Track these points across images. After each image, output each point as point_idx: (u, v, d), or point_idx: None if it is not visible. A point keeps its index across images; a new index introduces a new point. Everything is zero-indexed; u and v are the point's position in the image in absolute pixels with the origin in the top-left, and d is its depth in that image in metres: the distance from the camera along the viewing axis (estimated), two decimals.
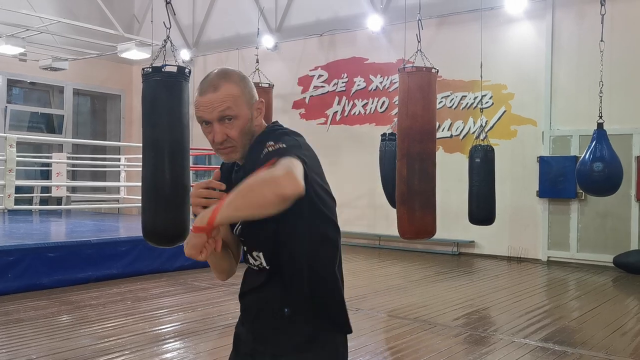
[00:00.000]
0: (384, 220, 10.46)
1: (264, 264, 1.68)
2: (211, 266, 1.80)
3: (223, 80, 1.65)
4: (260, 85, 8.50)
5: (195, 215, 1.61)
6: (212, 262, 1.76)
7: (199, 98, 1.65)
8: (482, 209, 7.87)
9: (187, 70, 4.35)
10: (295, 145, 1.59)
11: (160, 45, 4.62)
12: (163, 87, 4.27)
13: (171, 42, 4.62)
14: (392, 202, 8.08)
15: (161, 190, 4.29)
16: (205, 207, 1.56)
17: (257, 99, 1.73)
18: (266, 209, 1.43)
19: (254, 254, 1.70)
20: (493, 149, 8.07)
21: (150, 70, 4.24)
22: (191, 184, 4.78)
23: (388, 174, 8.37)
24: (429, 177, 5.90)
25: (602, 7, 6.80)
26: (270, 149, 1.56)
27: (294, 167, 1.45)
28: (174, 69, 4.26)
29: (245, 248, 1.75)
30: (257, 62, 9.13)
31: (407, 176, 5.85)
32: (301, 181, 1.43)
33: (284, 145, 1.57)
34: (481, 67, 8.52)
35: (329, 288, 1.70)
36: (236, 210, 1.46)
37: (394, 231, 6.84)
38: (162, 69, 4.24)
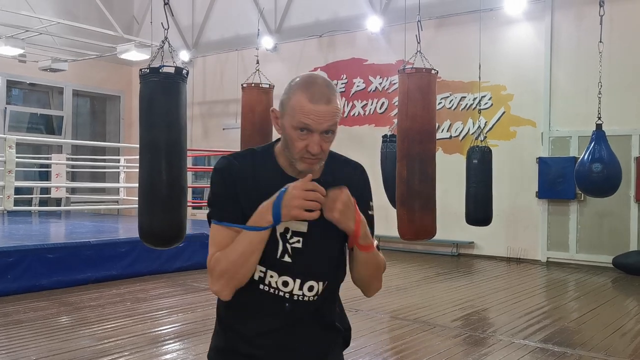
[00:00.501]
0: (384, 221, 10.38)
1: (288, 296, 1.65)
2: (235, 277, 1.59)
3: (333, 94, 1.60)
4: (260, 86, 8.51)
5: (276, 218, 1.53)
6: (243, 271, 1.58)
7: (310, 106, 1.55)
8: (479, 210, 7.88)
9: (184, 71, 4.36)
10: None
11: (158, 46, 4.61)
12: (161, 88, 4.27)
13: (169, 43, 4.61)
14: (394, 203, 8.08)
15: (158, 191, 4.29)
16: (308, 211, 1.51)
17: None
18: (368, 292, 1.77)
19: (284, 278, 1.63)
20: (490, 150, 8.07)
21: (148, 71, 4.24)
22: (188, 185, 4.78)
23: (390, 175, 8.36)
24: (428, 178, 5.90)
25: (601, 8, 6.80)
26: (373, 211, 1.77)
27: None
28: (172, 70, 4.27)
29: (272, 267, 1.62)
30: (258, 62, 9.13)
31: (407, 177, 5.85)
32: None
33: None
34: (479, 68, 8.52)
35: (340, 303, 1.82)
36: (372, 264, 1.70)
37: (393, 232, 6.84)
38: (160, 70, 4.24)
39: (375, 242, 1.69)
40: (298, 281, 1.63)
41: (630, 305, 6.86)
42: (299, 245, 1.62)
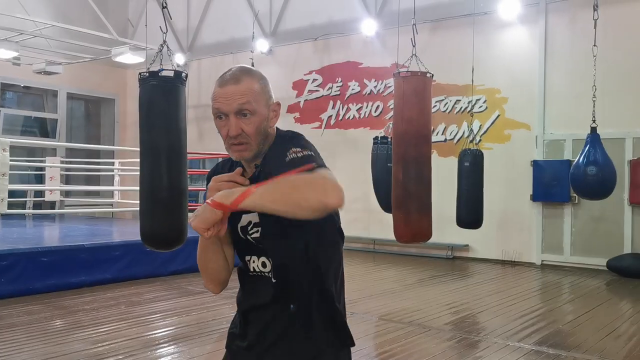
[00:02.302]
0: (379, 224, 10.47)
1: (270, 274, 1.66)
2: (206, 273, 1.75)
3: (245, 75, 1.63)
4: None
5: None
6: (209, 266, 1.73)
7: (219, 89, 1.61)
8: (470, 213, 7.90)
9: (184, 74, 4.35)
10: (318, 155, 1.61)
11: (157, 49, 4.61)
12: (160, 92, 4.27)
13: (167, 47, 4.61)
14: (384, 206, 8.10)
15: (159, 194, 4.29)
16: None
17: (275, 101, 1.70)
18: (303, 211, 1.42)
19: (262, 260, 1.68)
20: (482, 153, 8.09)
21: (147, 74, 4.24)
22: (189, 188, 4.78)
23: (379, 177, 8.38)
24: (424, 181, 5.91)
25: (595, 12, 6.84)
26: (297, 154, 1.55)
27: (335, 179, 1.45)
28: (171, 74, 4.26)
29: (249, 253, 1.71)
30: (252, 66, 9.13)
31: (402, 180, 5.85)
32: (343, 195, 1.42)
33: (311, 153, 1.57)
34: (472, 71, 8.55)
35: (335, 302, 1.71)
36: (271, 203, 1.42)
37: (388, 235, 6.84)
38: (159, 74, 4.24)
39: (309, 167, 1.50)
40: (255, 257, 1.70)
41: (625, 308, 6.88)
42: (257, 235, 1.67)
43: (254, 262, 1.70)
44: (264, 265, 1.69)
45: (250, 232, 1.68)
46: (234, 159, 1.67)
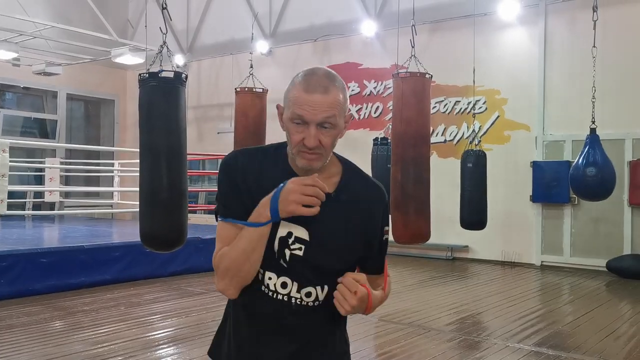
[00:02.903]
0: None
1: (319, 298, 1.61)
2: (237, 276, 1.56)
3: (333, 85, 1.54)
4: (254, 90, 8.50)
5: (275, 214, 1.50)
6: (244, 268, 1.55)
7: (305, 95, 1.50)
8: (473, 214, 7.90)
9: (183, 75, 4.36)
10: None
11: (157, 50, 4.61)
12: (160, 93, 4.28)
13: (167, 48, 4.62)
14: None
15: (159, 195, 4.29)
16: (307, 207, 1.47)
17: (349, 112, 1.63)
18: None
19: (283, 280, 1.58)
20: (485, 154, 8.10)
21: (147, 75, 4.24)
22: (188, 189, 4.78)
23: (380, 178, 8.37)
24: (423, 182, 5.91)
25: (595, 13, 6.85)
26: (387, 236, 1.69)
27: None
28: (171, 75, 4.27)
29: (270, 268, 1.58)
30: (252, 67, 9.13)
31: (401, 181, 5.86)
32: None
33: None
34: (474, 72, 8.55)
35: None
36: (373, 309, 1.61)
37: None
38: (159, 75, 4.24)
39: (386, 271, 1.70)
40: (296, 284, 1.58)
41: (624, 309, 6.88)
42: (300, 252, 1.56)
43: (270, 278, 1.58)
44: (283, 286, 1.58)
45: (291, 247, 1.56)
46: (300, 165, 1.56)
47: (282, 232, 1.56)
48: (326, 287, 1.60)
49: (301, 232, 1.56)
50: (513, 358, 4.67)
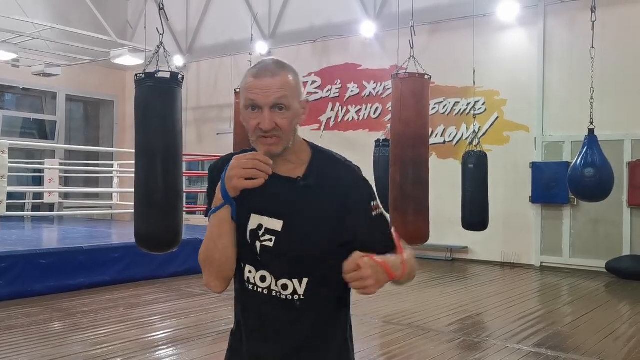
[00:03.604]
0: None
1: (298, 291, 1.59)
2: (211, 265, 1.62)
3: (282, 69, 1.58)
4: None
5: (225, 195, 1.53)
6: (215, 257, 1.60)
7: (254, 81, 1.55)
8: (475, 215, 7.90)
9: (180, 76, 4.36)
10: None
11: (154, 51, 4.62)
12: (156, 93, 4.28)
13: (164, 48, 4.62)
14: (386, 207, 8.10)
15: (154, 195, 4.29)
16: (249, 179, 1.49)
17: (305, 98, 1.66)
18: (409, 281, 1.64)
19: (261, 273, 1.60)
20: (486, 155, 8.10)
21: (144, 76, 4.24)
22: (184, 190, 4.78)
23: (382, 179, 8.39)
24: (422, 183, 5.92)
25: (593, 14, 6.85)
26: (379, 211, 1.63)
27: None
28: (167, 75, 4.27)
29: (248, 262, 1.62)
30: None
31: (400, 181, 5.87)
32: None
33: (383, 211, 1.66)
34: (474, 73, 8.56)
35: (349, 316, 1.71)
36: (407, 278, 1.60)
37: None
38: (155, 75, 4.24)
39: (406, 253, 1.60)
40: (273, 278, 1.60)
41: (624, 310, 6.88)
42: (270, 244, 1.58)
43: (250, 272, 1.62)
44: (262, 279, 1.61)
45: (261, 238, 1.59)
46: (260, 151, 1.58)
47: (252, 224, 1.60)
48: (305, 280, 1.58)
49: (273, 224, 1.58)
50: (512, 359, 4.67)
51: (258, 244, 1.59)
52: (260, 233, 1.59)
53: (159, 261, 7.64)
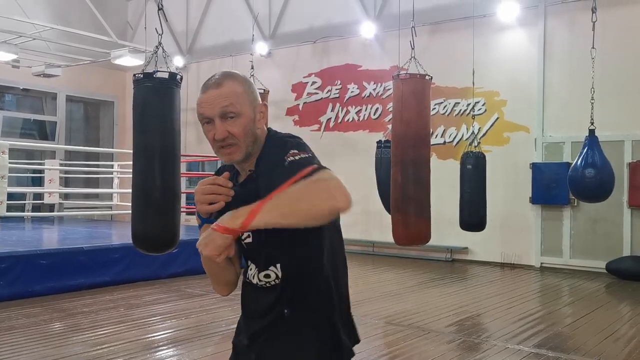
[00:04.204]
0: (378, 227, 10.47)
1: (278, 277, 1.64)
2: (214, 278, 1.75)
3: (227, 79, 1.62)
4: None
5: (199, 215, 1.67)
6: (216, 272, 1.73)
7: (202, 95, 1.62)
8: (473, 215, 7.90)
9: (178, 76, 4.35)
10: (315, 156, 1.59)
11: (153, 51, 4.61)
12: (154, 93, 4.27)
13: (163, 49, 4.62)
14: (389, 209, 8.11)
15: (151, 196, 4.28)
16: (210, 204, 1.60)
17: (261, 102, 1.69)
18: (316, 220, 1.43)
19: (269, 268, 1.66)
20: (484, 156, 8.10)
21: (142, 76, 4.24)
22: (182, 191, 4.77)
23: (384, 180, 8.41)
24: (423, 183, 5.92)
25: (594, 14, 6.85)
26: (296, 157, 1.53)
27: (339, 181, 1.44)
28: (166, 75, 4.26)
29: (251, 261, 1.72)
30: (252, 68, 9.14)
31: (401, 182, 5.86)
32: (350, 195, 1.42)
33: (310, 155, 1.55)
34: (473, 74, 8.56)
35: (343, 301, 1.70)
36: (281, 217, 1.40)
37: (388, 237, 6.84)
38: (154, 75, 4.24)
39: (309, 170, 1.47)
40: (257, 269, 1.69)
41: (624, 311, 6.88)
42: (250, 240, 1.67)
43: (250, 269, 1.73)
44: (251, 270, 1.73)
45: (243, 238, 1.68)
46: (224, 162, 1.68)
47: None
48: (278, 265, 1.64)
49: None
50: (513, 359, 4.67)
51: (243, 243, 1.69)
52: (243, 236, 1.66)
53: (160, 262, 7.64)
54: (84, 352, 4.65)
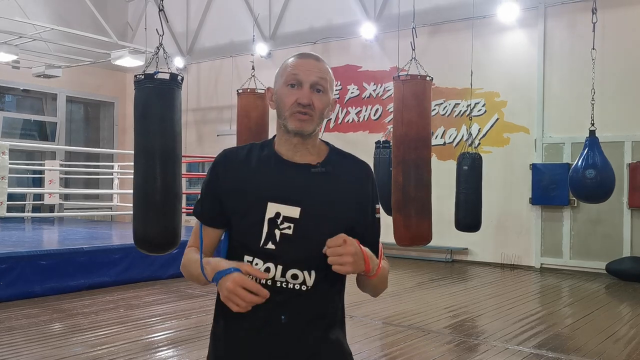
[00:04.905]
0: None
1: (307, 283, 1.59)
2: (196, 282, 1.69)
3: (322, 60, 1.68)
4: (256, 91, 8.50)
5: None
6: (195, 280, 1.67)
7: (299, 60, 1.64)
8: (468, 216, 7.90)
9: (179, 77, 4.35)
10: None
11: (153, 52, 4.62)
12: (155, 94, 4.27)
13: (164, 50, 4.62)
14: (386, 208, 8.10)
15: (152, 197, 4.28)
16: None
17: (334, 97, 1.73)
18: (375, 295, 1.73)
19: (267, 265, 1.58)
20: (481, 157, 8.09)
21: (143, 77, 4.23)
22: (183, 192, 4.77)
23: (382, 181, 8.39)
24: (424, 184, 5.92)
25: (594, 15, 6.85)
26: (378, 215, 1.70)
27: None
28: (167, 76, 4.26)
29: (269, 261, 1.58)
30: (253, 68, 9.12)
31: (402, 183, 5.86)
32: None
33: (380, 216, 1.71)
34: (471, 75, 8.55)
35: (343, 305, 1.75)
36: (378, 282, 1.66)
37: (387, 238, 6.81)
38: (155, 76, 4.24)
39: (381, 248, 1.67)
40: (280, 267, 1.57)
41: (624, 311, 6.88)
42: (289, 231, 1.57)
43: (256, 264, 1.59)
44: (267, 271, 1.58)
45: (280, 226, 1.57)
46: (292, 127, 1.60)
47: (270, 213, 1.59)
48: (314, 273, 1.58)
49: (290, 211, 1.58)
50: None
51: (277, 232, 1.58)
52: (279, 221, 1.58)
53: (159, 262, 7.64)
54: (84, 352, 4.65)
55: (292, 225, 1.57)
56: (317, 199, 1.59)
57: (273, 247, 1.57)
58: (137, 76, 4.26)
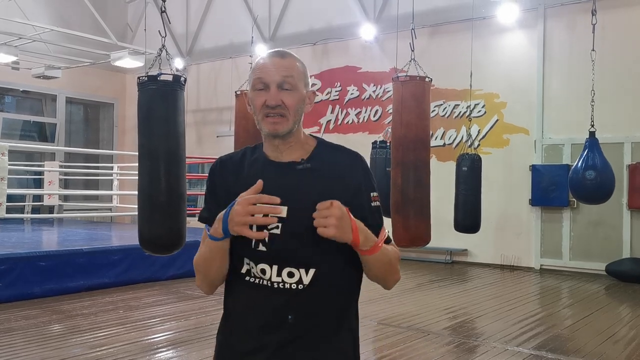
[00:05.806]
0: None
1: (304, 281, 1.57)
2: (207, 277, 1.66)
3: (290, 54, 1.66)
4: None
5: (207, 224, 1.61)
6: (211, 272, 1.64)
7: (264, 61, 1.63)
8: (467, 217, 7.90)
9: (182, 78, 4.35)
10: None
11: (156, 54, 4.61)
12: (159, 96, 4.27)
13: (166, 51, 4.62)
14: (385, 210, 8.10)
15: (157, 199, 4.29)
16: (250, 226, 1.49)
17: (311, 90, 1.70)
18: (386, 286, 1.75)
19: (261, 266, 1.57)
20: (480, 158, 8.09)
21: (146, 79, 4.24)
22: (187, 193, 4.77)
23: (379, 181, 8.37)
24: (423, 185, 5.91)
25: (593, 16, 6.86)
26: (377, 202, 1.67)
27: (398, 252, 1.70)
28: (170, 78, 4.26)
29: (266, 258, 1.58)
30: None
31: (401, 184, 5.86)
32: None
33: (380, 204, 1.69)
34: (471, 76, 8.55)
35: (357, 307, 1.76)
36: (381, 265, 1.62)
37: None
38: (158, 78, 4.24)
39: (386, 234, 1.64)
40: (275, 267, 1.57)
41: (624, 312, 6.88)
42: (277, 231, 1.56)
43: (249, 265, 1.60)
44: (262, 272, 1.58)
45: (268, 227, 1.56)
46: (266, 131, 1.62)
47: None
48: (312, 271, 1.57)
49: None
50: None
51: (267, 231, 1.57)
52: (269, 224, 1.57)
53: (159, 264, 7.65)
54: (83, 353, 4.64)
55: (279, 225, 1.56)
56: (304, 196, 1.56)
57: (264, 248, 1.57)
58: (140, 78, 4.26)
